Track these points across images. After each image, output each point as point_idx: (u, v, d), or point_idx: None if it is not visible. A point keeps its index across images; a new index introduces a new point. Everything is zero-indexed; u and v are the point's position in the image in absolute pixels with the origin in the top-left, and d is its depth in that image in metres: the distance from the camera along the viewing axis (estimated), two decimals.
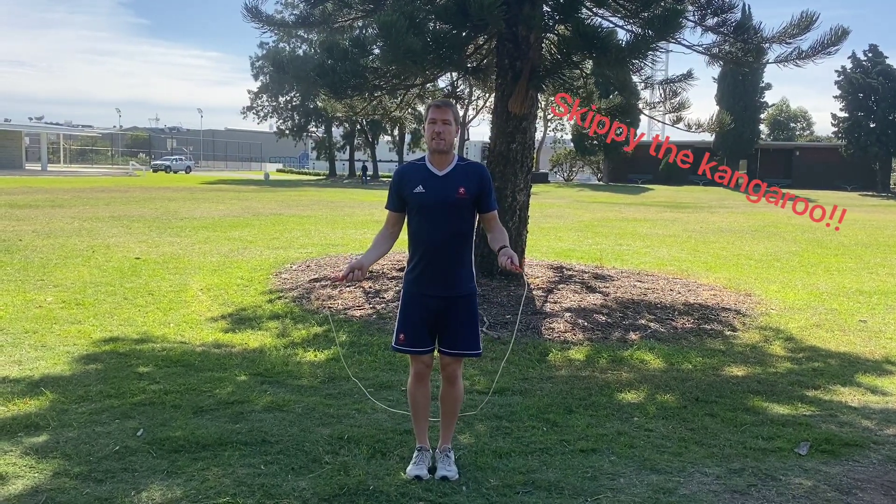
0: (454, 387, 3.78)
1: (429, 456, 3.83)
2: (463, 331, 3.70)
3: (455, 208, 3.63)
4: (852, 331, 7.50)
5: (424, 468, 3.74)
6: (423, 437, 3.89)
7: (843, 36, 8.14)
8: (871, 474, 3.94)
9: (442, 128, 3.63)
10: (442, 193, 3.62)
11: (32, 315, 7.13)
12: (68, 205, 20.34)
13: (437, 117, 3.64)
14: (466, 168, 3.72)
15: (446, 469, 3.72)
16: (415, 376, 3.80)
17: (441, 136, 3.63)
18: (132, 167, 58.39)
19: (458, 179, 3.65)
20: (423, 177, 3.67)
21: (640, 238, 15.84)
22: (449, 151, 3.68)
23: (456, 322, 3.68)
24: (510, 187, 8.66)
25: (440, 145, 3.64)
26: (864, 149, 46.22)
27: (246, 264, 10.50)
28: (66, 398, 4.78)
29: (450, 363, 3.75)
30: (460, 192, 3.63)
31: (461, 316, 3.69)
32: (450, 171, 3.68)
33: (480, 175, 3.71)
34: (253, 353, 6.07)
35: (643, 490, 3.66)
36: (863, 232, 18.31)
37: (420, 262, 3.68)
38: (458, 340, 3.70)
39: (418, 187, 3.65)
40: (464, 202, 3.64)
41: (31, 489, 3.49)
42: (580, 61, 9.03)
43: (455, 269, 3.67)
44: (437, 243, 3.64)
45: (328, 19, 9.49)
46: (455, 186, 3.63)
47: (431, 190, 3.63)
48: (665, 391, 5.32)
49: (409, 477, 3.69)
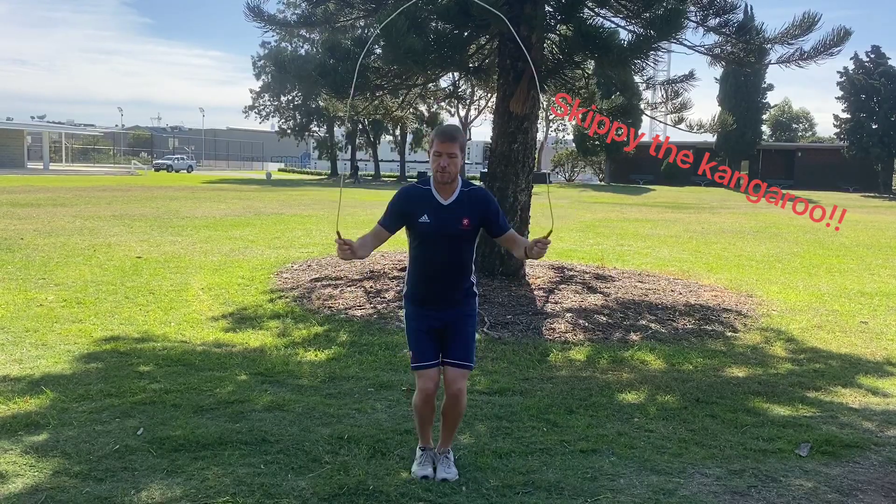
0: (459, 403, 3.75)
1: (431, 455, 3.83)
2: (460, 343, 3.69)
3: (458, 239, 3.61)
4: (853, 332, 7.49)
5: (430, 468, 3.76)
6: (427, 439, 3.89)
7: (846, 37, 8.14)
8: (872, 476, 3.94)
9: (447, 161, 3.55)
10: (446, 224, 3.58)
11: (33, 314, 7.14)
12: (70, 204, 20.36)
13: (442, 151, 3.56)
14: (470, 195, 3.65)
15: (446, 471, 3.72)
16: (422, 395, 3.73)
17: (446, 171, 3.57)
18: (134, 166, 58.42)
19: (462, 209, 3.61)
20: (429, 205, 3.61)
21: (641, 238, 15.83)
22: (454, 182, 3.64)
23: (458, 335, 3.69)
24: (511, 187, 8.66)
25: (445, 178, 3.59)
26: (866, 150, 46.13)
27: (247, 264, 10.50)
28: (67, 397, 4.78)
29: (455, 380, 3.70)
30: (464, 223, 3.59)
31: (460, 330, 3.70)
32: (454, 201, 3.62)
33: (485, 204, 3.67)
34: (253, 352, 6.07)
35: (643, 491, 3.65)
36: (864, 233, 18.29)
37: (420, 286, 3.69)
38: (458, 351, 3.69)
39: (423, 216, 3.59)
40: (467, 233, 3.62)
41: (31, 488, 3.49)
42: (582, 61, 9.04)
43: (454, 294, 3.68)
44: (438, 272, 3.64)
45: (330, 19, 9.51)
46: (459, 217, 3.59)
47: (436, 220, 3.59)
48: (666, 392, 5.32)
49: (417, 477, 3.69)
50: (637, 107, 11.11)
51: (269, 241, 13.20)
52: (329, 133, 58.79)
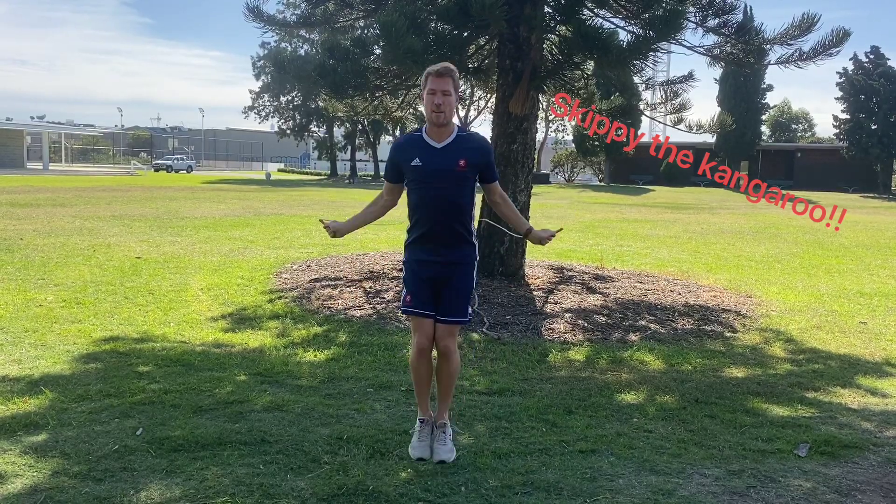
0: (449, 361, 3.76)
1: (430, 428, 3.85)
2: (455, 298, 3.67)
3: (454, 180, 3.56)
4: (852, 332, 7.50)
5: (427, 446, 3.77)
6: (426, 408, 3.90)
7: (845, 37, 8.14)
8: (871, 476, 3.94)
9: (442, 99, 3.50)
10: (441, 165, 3.54)
11: (33, 314, 7.14)
12: (69, 204, 20.35)
13: (436, 88, 3.51)
14: (468, 139, 3.63)
15: (443, 450, 3.73)
16: (417, 350, 3.76)
17: (441, 109, 3.51)
18: (133, 166, 58.42)
19: (458, 151, 3.57)
20: (421, 149, 3.58)
21: (640, 239, 15.83)
22: (449, 124, 3.59)
23: (452, 290, 3.66)
24: (511, 188, 8.66)
25: (440, 119, 3.53)
26: (866, 150, 46.18)
27: (246, 264, 10.50)
28: (66, 397, 4.78)
29: (443, 337, 3.71)
30: (460, 164, 3.55)
31: (456, 283, 3.66)
32: (449, 143, 3.58)
33: (482, 146, 3.65)
34: (253, 352, 6.07)
35: (642, 491, 3.65)
36: (864, 233, 18.30)
37: (419, 232, 3.65)
38: (450, 308, 3.67)
39: (415, 160, 3.56)
40: (464, 174, 3.57)
41: (29, 488, 3.49)
42: (581, 62, 9.04)
43: (454, 239, 3.63)
44: (436, 215, 3.58)
45: (329, 19, 9.51)
46: (455, 158, 3.55)
47: (429, 163, 3.55)
48: (665, 392, 5.32)
49: (413, 458, 3.72)
50: (636, 107, 11.11)
51: (269, 242, 13.20)
52: (329, 133, 58.81)
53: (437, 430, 3.83)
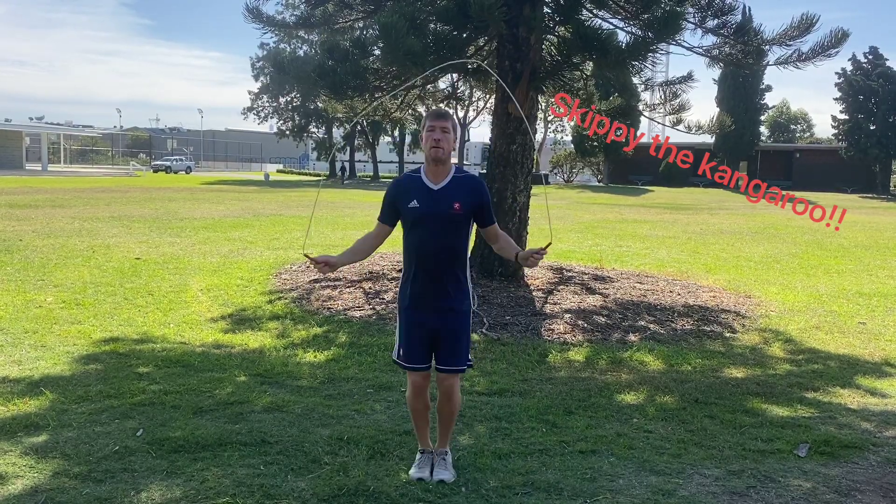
0: (451, 401, 3.75)
1: (430, 458, 3.83)
2: (452, 348, 3.66)
3: (449, 223, 3.58)
4: (852, 333, 7.51)
5: (427, 470, 3.75)
6: (425, 441, 3.89)
7: (843, 38, 8.16)
8: (870, 476, 3.95)
9: (441, 135, 3.57)
10: (436, 208, 3.57)
11: (32, 315, 7.14)
12: (68, 205, 20.35)
13: (436, 125, 3.59)
14: (463, 181, 3.66)
15: (443, 473, 3.72)
16: (413, 390, 3.76)
17: (440, 144, 3.57)
18: (132, 167, 58.38)
19: (453, 194, 3.60)
20: (419, 191, 3.61)
21: (639, 239, 15.84)
22: (447, 161, 3.63)
23: (450, 338, 3.64)
24: (510, 188, 8.67)
25: (439, 154, 3.58)
26: (865, 151, 46.20)
27: (246, 265, 10.50)
28: (66, 398, 4.78)
29: (446, 378, 3.71)
30: (455, 207, 3.57)
31: (454, 331, 3.65)
32: (445, 185, 3.62)
33: (477, 190, 3.66)
34: (253, 353, 6.07)
35: (642, 491, 3.66)
36: (863, 234, 18.31)
37: (414, 276, 3.64)
38: (450, 356, 3.66)
39: (413, 202, 3.59)
40: (458, 217, 3.59)
41: (30, 489, 3.49)
42: (580, 63, 9.06)
43: (449, 284, 3.62)
44: (431, 257, 3.59)
45: (329, 20, 9.51)
46: (450, 201, 3.58)
47: (426, 205, 3.58)
48: (664, 392, 5.33)
49: (413, 478, 3.70)
50: (635, 108, 11.12)
51: (268, 242, 13.20)
52: (328, 134, 58.78)
53: (437, 456, 3.80)
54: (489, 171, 9.08)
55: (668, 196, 36.80)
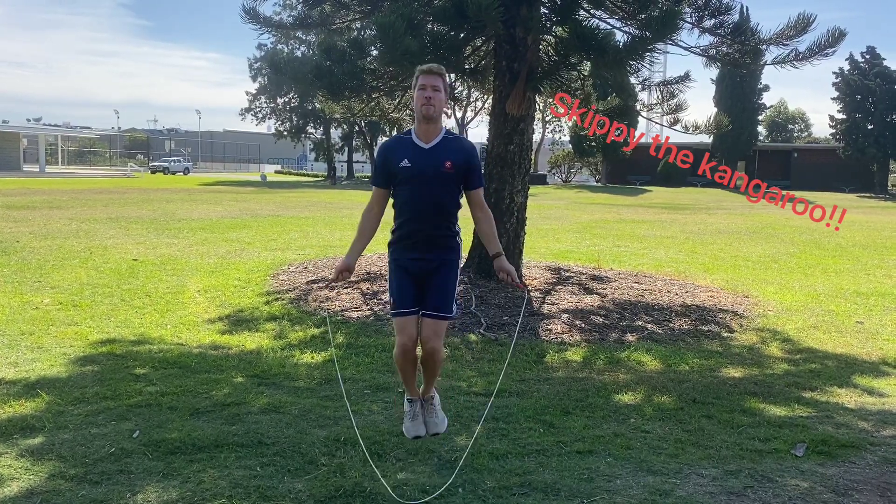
0: (434, 359, 3.77)
1: (420, 406, 3.89)
2: (440, 294, 3.68)
3: (441, 181, 3.60)
4: (849, 332, 7.51)
5: (420, 422, 3.83)
6: (413, 389, 3.92)
7: (840, 38, 8.16)
8: (868, 476, 3.95)
9: (432, 93, 3.58)
10: (428, 166, 3.59)
11: (29, 316, 7.12)
12: (66, 206, 20.32)
13: (427, 83, 3.59)
14: (454, 141, 3.69)
15: (436, 423, 3.81)
16: (401, 351, 3.75)
17: (431, 102, 3.57)
18: (130, 168, 58.33)
19: (445, 153, 3.62)
20: (409, 150, 3.63)
21: (637, 239, 15.84)
22: (438, 120, 3.64)
23: (435, 285, 3.68)
24: (508, 189, 8.66)
25: (430, 111, 3.59)
26: (862, 150, 46.27)
27: (243, 266, 10.49)
28: (63, 400, 4.77)
29: (429, 338, 3.70)
30: (447, 165, 3.60)
31: (440, 280, 3.68)
32: (437, 144, 3.64)
33: (467, 150, 3.69)
34: (250, 354, 6.07)
35: (639, 491, 3.66)
36: (860, 233, 18.33)
37: (403, 231, 3.67)
38: (436, 301, 3.68)
39: (404, 161, 3.60)
40: (450, 176, 3.61)
41: (26, 491, 3.48)
42: (578, 63, 9.05)
43: (438, 240, 3.67)
44: (422, 215, 3.62)
45: (326, 21, 9.51)
46: (442, 159, 3.60)
47: (417, 163, 3.59)
48: (662, 392, 5.32)
49: (409, 437, 3.80)
50: (633, 108, 11.12)
51: (266, 243, 13.19)
52: (326, 135, 58.76)
53: (426, 403, 3.88)
54: (486, 171, 9.07)
55: (666, 196, 36.82)
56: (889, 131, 45.88)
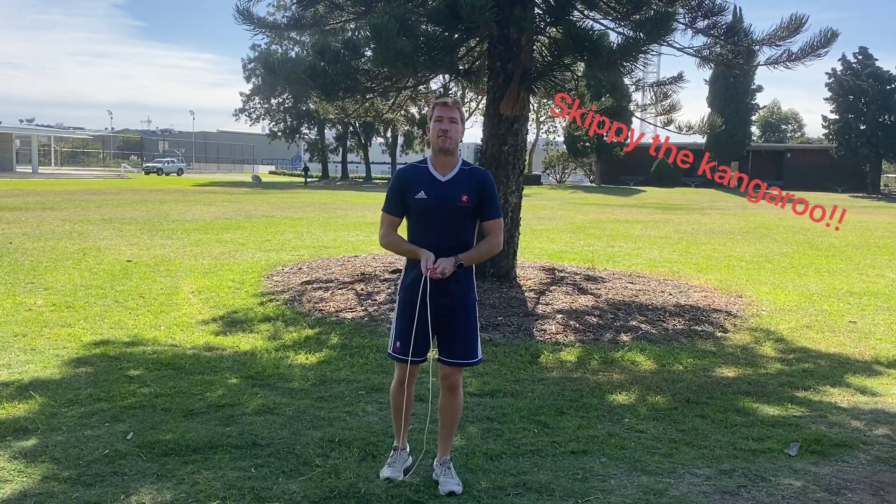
0: (455, 396, 3.68)
1: (405, 456, 3.80)
2: (462, 340, 3.59)
3: (457, 216, 3.51)
4: (842, 332, 7.54)
5: (398, 470, 3.69)
6: (401, 438, 3.83)
7: (833, 38, 8.20)
8: (861, 475, 3.96)
9: (449, 125, 3.50)
10: (445, 200, 3.49)
11: (22, 318, 7.10)
12: (59, 207, 20.25)
13: (443, 115, 3.52)
14: (471, 174, 3.58)
15: (452, 483, 3.59)
16: (399, 382, 3.71)
17: (448, 134, 3.50)
18: (124, 169, 58.17)
19: (461, 186, 3.52)
20: (426, 182, 3.53)
21: (631, 239, 15.88)
22: (455, 152, 3.56)
23: (455, 331, 3.58)
24: (502, 189, 8.67)
25: (447, 143, 3.51)
26: (855, 151, 46.48)
27: (237, 266, 10.47)
28: (56, 402, 4.76)
29: (451, 373, 3.64)
30: (463, 199, 3.49)
31: (460, 325, 3.58)
32: (454, 177, 3.54)
33: (485, 182, 3.57)
34: (244, 355, 6.05)
35: (634, 491, 3.66)
36: (853, 233, 18.41)
37: (419, 269, 3.51)
38: (456, 349, 3.59)
39: (420, 193, 3.51)
40: (466, 210, 3.52)
41: (19, 493, 3.47)
42: (571, 63, 9.06)
43: (455, 278, 3.52)
44: (438, 250, 3.49)
45: (320, 21, 9.50)
46: (458, 193, 3.50)
47: (434, 196, 3.49)
48: (656, 392, 5.33)
49: (381, 478, 3.63)
50: (627, 109, 11.14)
51: (260, 244, 13.17)
52: (320, 135, 58.71)
53: (441, 466, 3.70)
54: None
55: (660, 196, 36.90)
56: (881, 131, 46.11)
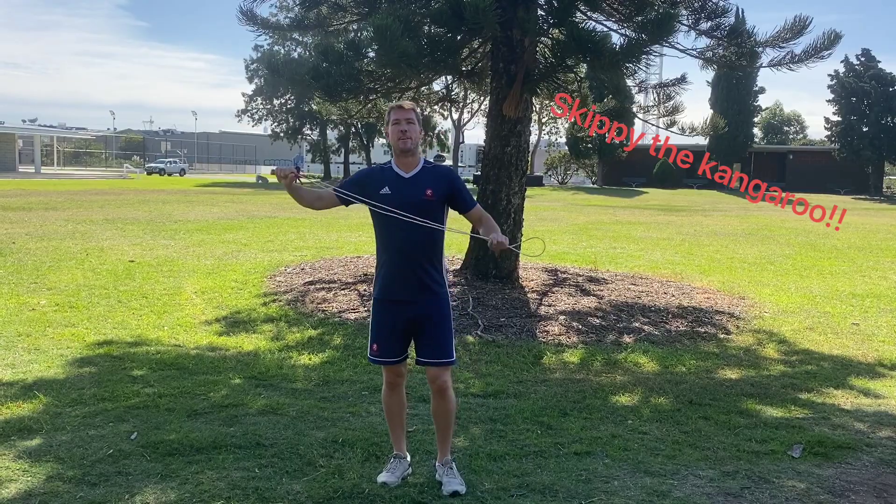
0: (445, 398, 3.68)
1: (405, 464, 3.79)
2: (437, 339, 3.61)
3: (422, 210, 3.56)
4: (845, 334, 7.53)
5: (395, 475, 3.68)
6: (400, 444, 3.83)
7: (836, 40, 8.19)
8: (864, 477, 3.96)
9: (407, 126, 3.59)
10: (409, 195, 3.57)
11: (26, 318, 7.11)
12: (62, 207, 20.28)
13: (400, 118, 3.61)
14: (434, 171, 3.68)
15: (455, 484, 3.60)
16: (388, 386, 3.76)
17: (407, 135, 3.59)
18: (126, 170, 58.24)
19: (425, 181, 3.61)
20: (390, 179, 3.63)
21: (634, 241, 15.87)
22: (415, 152, 3.65)
23: (430, 330, 3.61)
24: (504, 190, 8.68)
25: (407, 144, 3.60)
26: (857, 152, 46.39)
27: (240, 267, 10.48)
28: (60, 401, 4.77)
29: (437, 375, 3.64)
30: (427, 193, 3.58)
31: (435, 323, 3.61)
32: (416, 174, 3.64)
33: (448, 177, 3.69)
34: (247, 356, 6.06)
35: (637, 493, 3.67)
36: (856, 235, 18.38)
37: (389, 266, 3.61)
38: (435, 348, 3.61)
39: (384, 188, 3.59)
40: (432, 204, 3.59)
41: (24, 493, 3.48)
42: (574, 65, 9.07)
43: (425, 273, 3.58)
44: (405, 246, 3.56)
45: (323, 22, 9.51)
46: (422, 188, 3.59)
47: (397, 192, 3.58)
48: (659, 394, 5.34)
49: (378, 483, 3.62)
50: (629, 110, 11.14)
51: (263, 245, 13.18)
52: (322, 136, 58.74)
53: (443, 467, 3.71)
54: (483, 172, 9.09)
55: (663, 198, 36.88)
56: (884, 133, 46.02)
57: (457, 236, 3.82)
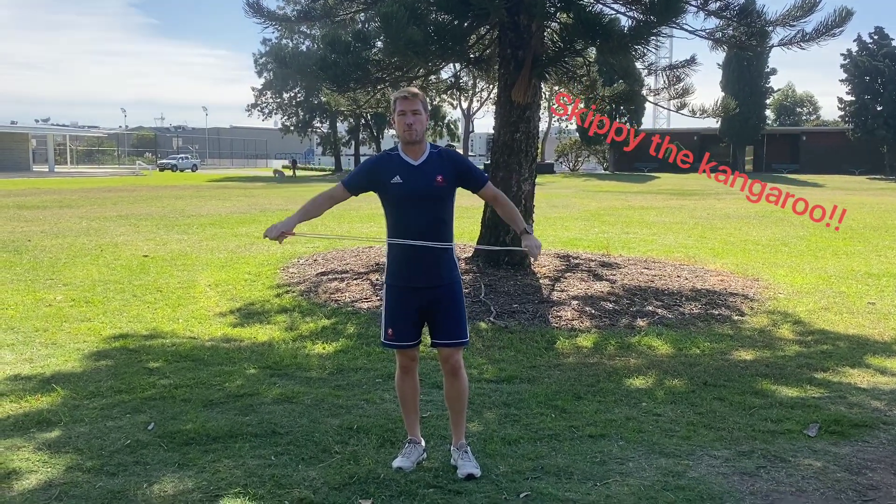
0: (458, 379, 3.70)
1: (419, 449, 3.81)
2: (452, 320, 3.64)
3: (434, 197, 3.59)
4: (861, 313, 7.48)
5: (411, 460, 3.70)
6: (414, 430, 3.86)
7: (847, 17, 8.09)
8: (881, 454, 3.94)
9: (413, 119, 3.58)
10: (421, 183, 3.58)
11: (42, 313, 7.18)
12: (76, 205, 20.43)
13: (406, 108, 3.59)
14: (441, 154, 3.69)
15: (470, 467, 3.62)
16: (401, 370, 3.78)
17: (413, 128, 3.59)
18: (138, 166, 58.55)
19: (434, 168, 3.61)
20: (400, 167, 3.62)
21: (646, 226, 15.80)
22: (421, 141, 3.65)
23: (444, 312, 3.63)
24: (515, 177, 8.65)
25: (413, 136, 3.60)
26: (872, 132, 45.89)
27: (253, 260, 10.53)
28: (78, 394, 4.82)
29: (450, 355, 3.68)
30: (438, 180, 3.59)
31: (448, 305, 3.64)
32: (425, 160, 3.63)
33: (454, 159, 3.70)
34: (262, 346, 6.10)
35: (652, 473, 3.67)
36: (871, 215, 18.22)
37: (401, 253, 3.62)
38: (449, 330, 3.64)
39: (396, 178, 3.59)
40: (443, 190, 3.61)
41: (44, 483, 3.53)
42: (583, 49, 9.01)
43: (437, 258, 3.60)
44: (417, 232, 3.57)
45: (330, 13, 9.50)
46: (433, 175, 3.59)
47: (409, 181, 3.58)
48: (673, 376, 5.32)
49: (393, 468, 3.65)
50: (639, 93, 11.06)
51: None
52: (332, 128, 58.76)
53: (458, 450, 3.73)
54: (493, 159, 9.06)
55: (674, 182, 36.68)
56: None
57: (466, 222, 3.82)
